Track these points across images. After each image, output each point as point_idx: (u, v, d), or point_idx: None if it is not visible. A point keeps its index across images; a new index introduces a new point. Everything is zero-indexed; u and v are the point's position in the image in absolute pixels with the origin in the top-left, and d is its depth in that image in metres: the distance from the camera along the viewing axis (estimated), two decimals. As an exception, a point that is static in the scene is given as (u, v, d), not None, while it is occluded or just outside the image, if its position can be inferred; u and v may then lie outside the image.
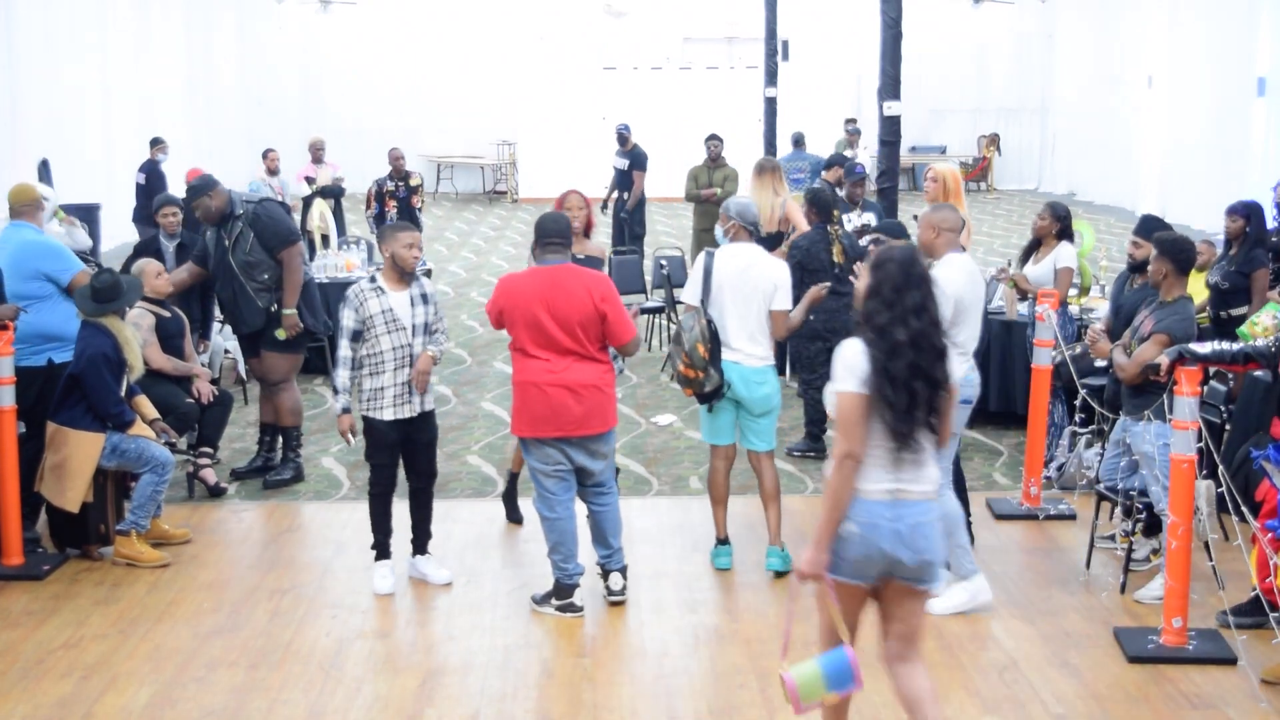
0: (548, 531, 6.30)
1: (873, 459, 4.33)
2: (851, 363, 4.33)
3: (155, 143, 16.31)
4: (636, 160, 15.27)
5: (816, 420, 8.97)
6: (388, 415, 6.48)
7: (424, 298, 6.55)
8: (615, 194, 15.30)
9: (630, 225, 15.29)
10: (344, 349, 6.45)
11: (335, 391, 6.58)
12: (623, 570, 6.43)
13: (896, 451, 4.32)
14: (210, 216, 8.05)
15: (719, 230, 6.95)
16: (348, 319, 6.42)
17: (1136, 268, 6.94)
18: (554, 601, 6.33)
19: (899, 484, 4.35)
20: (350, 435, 6.60)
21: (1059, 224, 8.39)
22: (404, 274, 6.48)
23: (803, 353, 9.01)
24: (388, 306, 6.41)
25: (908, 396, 4.28)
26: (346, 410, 6.56)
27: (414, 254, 6.47)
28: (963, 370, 6.12)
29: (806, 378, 9.00)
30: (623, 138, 15.39)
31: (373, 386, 6.47)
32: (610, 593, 6.43)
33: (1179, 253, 6.29)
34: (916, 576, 4.39)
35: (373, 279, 6.50)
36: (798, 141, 16.22)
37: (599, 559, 6.46)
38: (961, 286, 6.15)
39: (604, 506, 6.34)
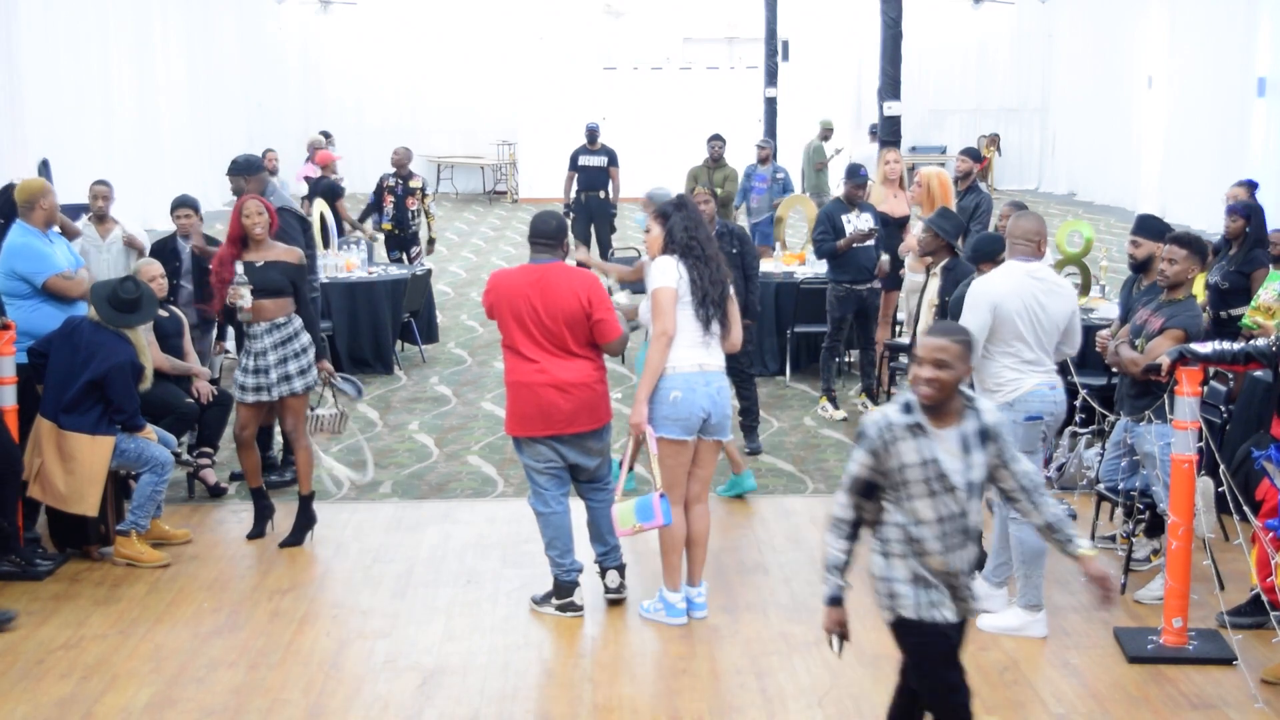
0: (542, 528, 6.31)
1: (684, 341, 5.99)
2: (667, 269, 6.01)
3: (326, 136, 16.82)
4: (613, 157, 15.30)
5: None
6: (946, 612, 4.23)
7: (982, 435, 4.18)
8: (584, 192, 15.26)
9: (606, 225, 15.29)
10: (844, 507, 4.25)
11: (828, 568, 4.31)
12: (620, 568, 6.44)
13: (701, 335, 6.02)
14: (238, 196, 8.08)
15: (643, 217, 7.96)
16: (861, 463, 4.18)
17: (1139, 267, 6.91)
18: (554, 601, 6.33)
19: (704, 359, 6.03)
20: (837, 640, 4.38)
21: None
22: (947, 406, 4.14)
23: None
24: (931, 455, 4.11)
25: (708, 288, 6.00)
26: (838, 600, 4.31)
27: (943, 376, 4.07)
28: (1031, 383, 6.01)
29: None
30: (593, 135, 15.37)
31: (905, 576, 4.20)
32: (608, 590, 6.43)
33: (1203, 251, 6.35)
34: (720, 428, 6.11)
35: (907, 407, 4.13)
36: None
37: (596, 557, 6.47)
38: (995, 294, 5.99)
39: (600, 504, 6.35)
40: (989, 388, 6.05)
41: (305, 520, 7.34)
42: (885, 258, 9.73)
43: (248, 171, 8.12)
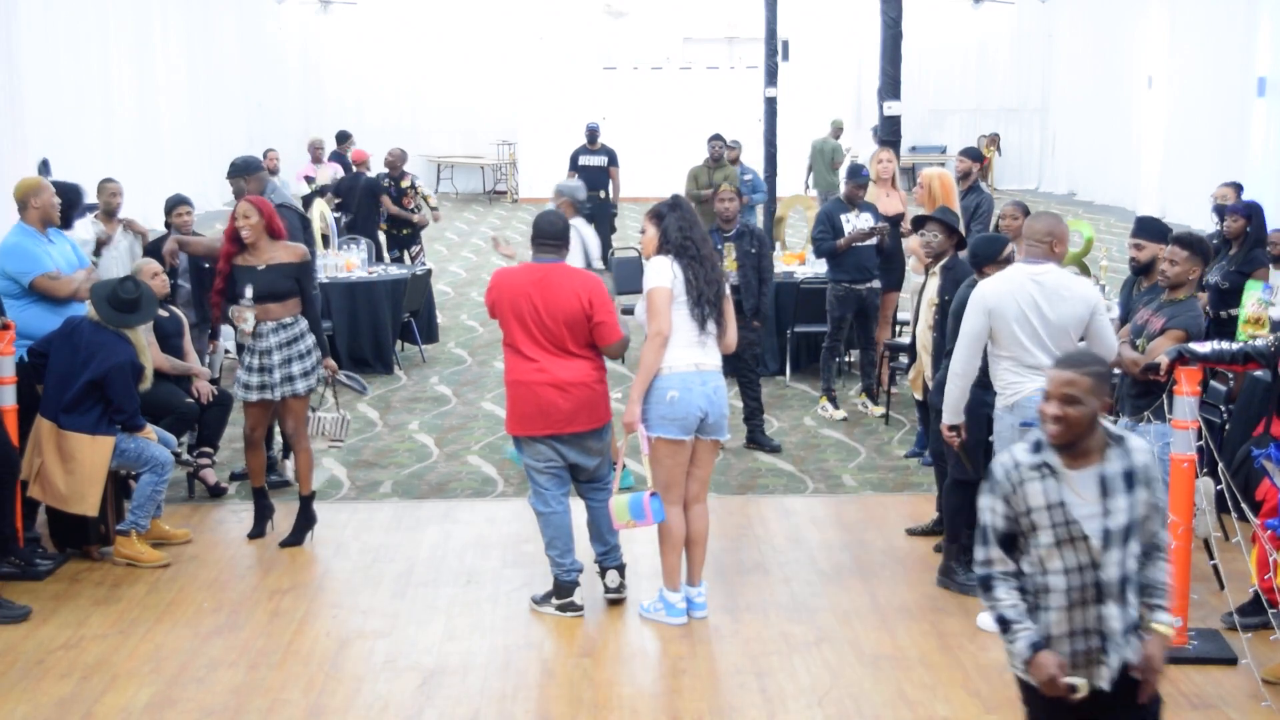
0: (543, 527, 6.32)
1: (680, 340, 5.99)
2: (662, 269, 6.02)
3: (343, 137, 17.25)
4: (613, 157, 15.32)
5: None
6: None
7: (1129, 477, 3.74)
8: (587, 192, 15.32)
9: (606, 225, 15.32)
10: (998, 560, 3.82)
11: (1005, 625, 3.78)
12: (620, 568, 6.44)
13: (697, 335, 6.02)
14: (239, 198, 8.09)
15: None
16: (993, 510, 3.82)
17: (1142, 270, 6.89)
18: (554, 601, 6.33)
19: (701, 358, 6.03)
20: (1072, 684, 3.72)
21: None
22: (1084, 444, 3.72)
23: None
24: (1058, 499, 3.73)
25: (703, 287, 6.01)
26: (1038, 645, 3.73)
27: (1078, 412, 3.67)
28: (1031, 388, 5.78)
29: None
30: (593, 135, 15.38)
31: None
32: (607, 590, 6.43)
33: (1206, 252, 6.33)
34: (717, 428, 6.11)
35: (1037, 445, 3.78)
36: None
37: (596, 556, 6.47)
38: (990, 298, 5.92)
39: (600, 503, 6.35)
40: (996, 389, 6.05)
41: (306, 520, 7.34)
42: (885, 224, 9.77)
43: (246, 172, 8.15)
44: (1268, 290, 6.15)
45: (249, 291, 7.07)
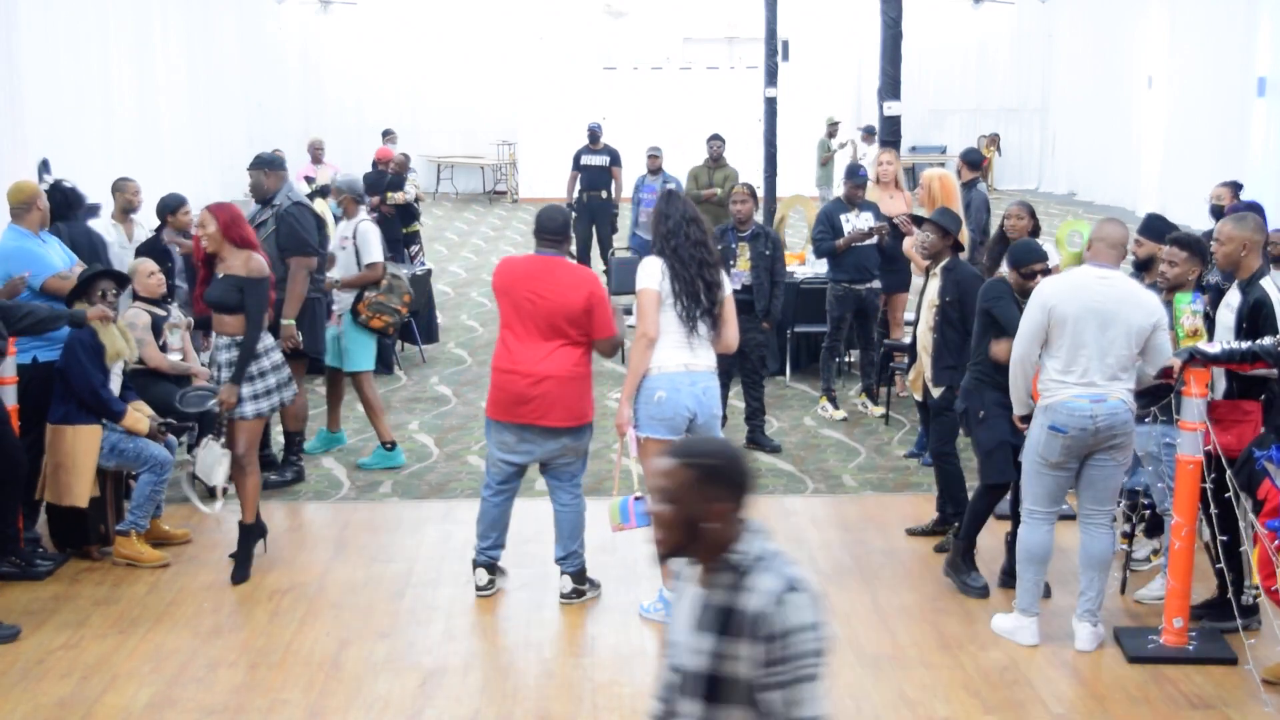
0: (480, 508, 6.51)
1: (669, 342, 5.99)
2: (651, 271, 6.01)
3: (386, 134, 17.84)
4: (615, 157, 15.33)
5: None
6: None
7: (723, 618, 2.87)
8: (586, 192, 15.33)
9: (607, 225, 15.32)
10: None
11: None
12: (576, 574, 6.47)
13: (686, 336, 6.00)
14: (256, 192, 8.23)
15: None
16: None
17: (1142, 266, 6.90)
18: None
19: (690, 359, 6.01)
20: None
21: (1034, 222, 8.35)
22: (687, 552, 3.05)
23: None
24: (669, 613, 3.19)
25: (692, 289, 5.97)
26: None
27: None
28: (1068, 393, 5.71)
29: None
30: (595, 135, 15.39)
31: None
32: (561, 594, 6.46)
33: (1204, 252, 6.31)
34: (707, 428, 6.07)
35: None
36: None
37: (555, 558, 6.50)
38: (1050, 295, 5.80)
39: (566, 507, 6.43)
40: (1038, 387, 5.96)
41: (246, 553, 6.82)
42: (884, 223, 9.75)
43: (269, 167, 8.27)
44: (1198, 299, 6.17)
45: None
